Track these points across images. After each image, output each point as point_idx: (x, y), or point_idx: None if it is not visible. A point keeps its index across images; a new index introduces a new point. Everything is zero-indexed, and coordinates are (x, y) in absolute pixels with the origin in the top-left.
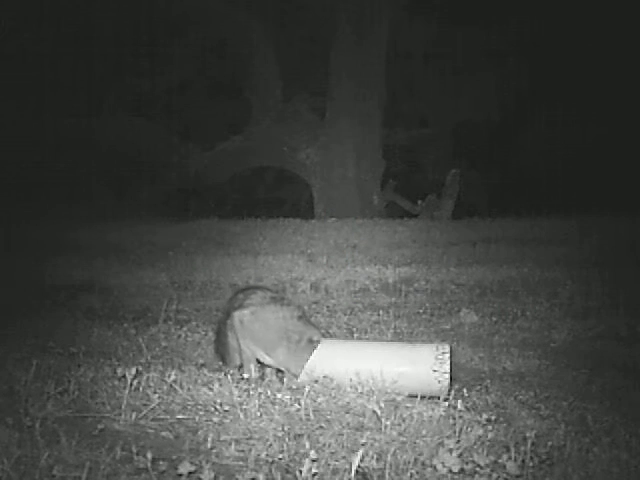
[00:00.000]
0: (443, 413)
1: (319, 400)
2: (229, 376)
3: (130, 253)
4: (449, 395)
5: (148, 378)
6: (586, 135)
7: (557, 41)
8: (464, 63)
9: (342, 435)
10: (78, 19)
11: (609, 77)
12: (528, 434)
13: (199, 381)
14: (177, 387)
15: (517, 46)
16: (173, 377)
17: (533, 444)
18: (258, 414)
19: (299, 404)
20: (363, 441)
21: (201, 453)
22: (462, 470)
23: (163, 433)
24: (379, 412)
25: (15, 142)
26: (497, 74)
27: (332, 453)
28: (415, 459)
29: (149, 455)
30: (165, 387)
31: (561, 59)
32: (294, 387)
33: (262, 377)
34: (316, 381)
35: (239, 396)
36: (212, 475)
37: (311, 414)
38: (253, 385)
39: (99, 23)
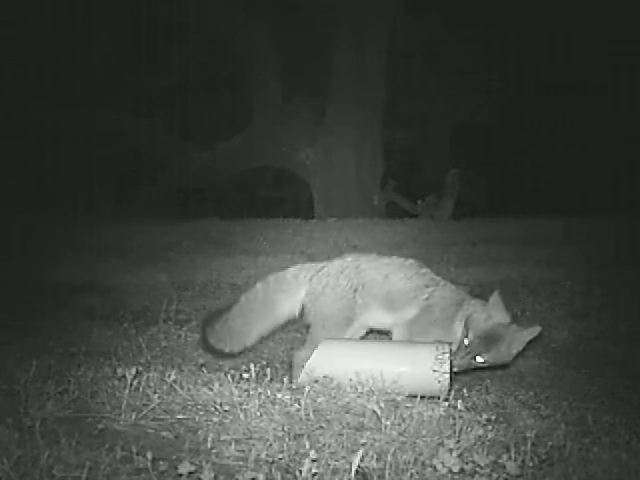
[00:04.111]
0: (443, 413)
1: (319, 400)
2: (229, 376)
3: (130, 253)
4: (449, 395)
5: (148, 378)
6: (586, 135)
7: (557, 41)
8: (464, 64)
9: (342, 435)
10: (78, 17)
11: (609, 77)
12: (528, 434)
13: (199, 381)
14: (177, 387)
15: (517, 46)
16: (173, 377)
17: (533, 444)
18: (258, 414)
19: (299, 404)
20: (363, 441)
21: (201, 453)
22: (462, 470)
23: (163, 433)
24: (379, 412)
25: (14, 142)
26: (497, 74)
27: (332, 453)
28: (415, 459)
29: (149, 455)
30: (165, 387)
31: (562, 59)
32: (294, 387)
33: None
34: (316, 381)
35: (239, 396)
36: (212, 475)
37: (311, 414)
38: (253, 385)
39: (99, 22)
